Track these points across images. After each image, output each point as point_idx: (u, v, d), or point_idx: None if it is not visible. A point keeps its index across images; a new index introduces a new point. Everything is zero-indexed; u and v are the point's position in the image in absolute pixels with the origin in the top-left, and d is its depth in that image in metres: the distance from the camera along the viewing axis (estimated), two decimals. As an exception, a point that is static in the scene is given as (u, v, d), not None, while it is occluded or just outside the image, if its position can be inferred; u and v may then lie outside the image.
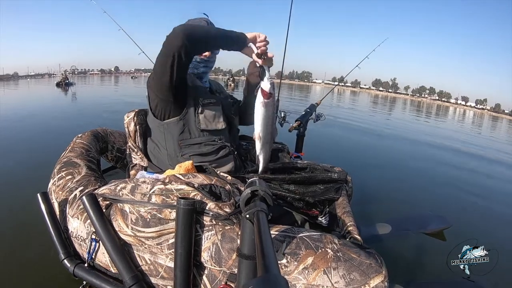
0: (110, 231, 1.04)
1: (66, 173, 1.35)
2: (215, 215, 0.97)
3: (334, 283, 0.86)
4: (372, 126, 8.90)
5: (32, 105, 9.05)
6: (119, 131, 1.84)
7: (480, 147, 7.82)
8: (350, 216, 1.29)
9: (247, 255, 0.74)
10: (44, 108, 8.36)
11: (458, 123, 17.83)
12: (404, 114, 17.02)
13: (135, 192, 1.03)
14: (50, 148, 3.29)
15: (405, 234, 2.19)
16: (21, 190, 2.33)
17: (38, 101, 10.90)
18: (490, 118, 41.66)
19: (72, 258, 1.15)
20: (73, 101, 11.06)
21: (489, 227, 2.67)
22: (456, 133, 11.22)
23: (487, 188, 4.00)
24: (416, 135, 8.33)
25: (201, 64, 1.41)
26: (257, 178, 0.79)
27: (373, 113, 14.35)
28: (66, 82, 17.85)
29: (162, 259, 1.02)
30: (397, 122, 11.53)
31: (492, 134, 13.72)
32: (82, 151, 1.51)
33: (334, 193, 1.39)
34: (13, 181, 2.60)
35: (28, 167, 2.93)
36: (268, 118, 1.11)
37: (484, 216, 2.93)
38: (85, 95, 13.79)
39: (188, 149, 1.31)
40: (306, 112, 2.55)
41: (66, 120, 6.10)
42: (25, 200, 1.92)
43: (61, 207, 1.24)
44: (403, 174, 4.18)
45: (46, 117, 6.40)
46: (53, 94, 13.78)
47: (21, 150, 3.67)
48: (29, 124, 5.53)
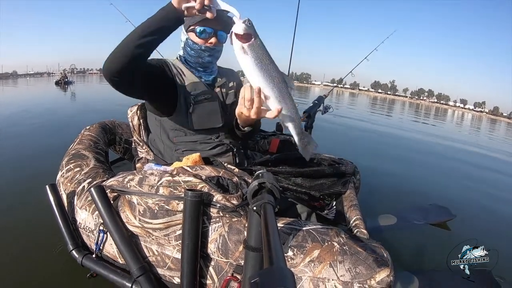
0: (118, 223, 1.05)
1: (75, 165, 1.36)
2: (222, 207, 0.97)
3: (340, 276, 0.86)
4: (374, 125, 8.91)
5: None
6: (127, 123, 1.84)
7: (480, 146, 7.88)
8: (357, 210, 1.28)
9: (253, 247, 0.74)
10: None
11: (458, 125, 17.71)
12: (403, 116, 16.91)
13: (143, 184, 1.04)
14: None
15: (410, 225, 2.20)
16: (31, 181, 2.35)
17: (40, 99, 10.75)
18: (489, 120, 41.58)
19: (80, 249, 1.17)
20: (72, 100, 10.72)
21: (493, 219, 2.70)
22: (458, 132, 11.22)
23: (492, 181, 4.06)
24: (417, 133, 8.34)
25: (205, 52, 1.27)
26: (265, 170, 0.79)
27: (373, 114, 14.22)
28: (65, 80, 17.69)
29: (169, 250, 1.02)
30: (398, 122, 11.53)
31: (493, 134, 13.71)
32: (90, 143, 1.53)
33: (341, 187, 1.39)
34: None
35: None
36: (260, 63, 0.85)
37: (488, 208, 2.95)
38: (84, 95, 13.34)
39: (182, 145, 1.30)
40: (314, 103, 2.53)
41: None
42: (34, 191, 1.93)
43: (69, 199, 1.26)
44: (410, 166, 4.22)
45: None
46: (52, 92, 13.43)
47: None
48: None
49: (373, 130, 7.81)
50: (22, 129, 4.47)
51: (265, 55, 0.85)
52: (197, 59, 1.29)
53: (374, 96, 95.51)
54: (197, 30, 1.22)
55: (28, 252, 1.56)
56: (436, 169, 4.30)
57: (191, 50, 1.27)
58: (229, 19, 1.11)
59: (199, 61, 1.29)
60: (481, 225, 2.47)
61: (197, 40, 1.24)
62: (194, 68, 1.32)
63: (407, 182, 3.45)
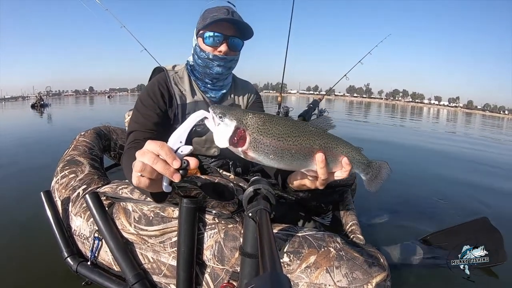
0: (113, 230, 1.05)
1: (69, 171, 1.35)
2: (218, 214, 0.97)
3: (337, 281, 0.86)
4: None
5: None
6: (122, 128, 1.84)
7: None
8: (353, 215, 1.28)
9: (249, 253, 0.74)
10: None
11: (443, 123, 17.89)
12: (380, 117, 17.06)
13: (134, 191, 1.04)
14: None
15: (403, 217, 2.25)
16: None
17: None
18: (464, 114, 42.60)
19: (75, 256, 1.15)
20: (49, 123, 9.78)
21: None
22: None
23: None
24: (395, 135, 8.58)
25: (213, 62, 1.10)
26: (260, 177, 0.79)
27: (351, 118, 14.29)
28: (41, 103, 16.48)
29: (165, 257, 1.02)
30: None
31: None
32: (85, 149, 1.52)
33: (338, 197, 1.39)
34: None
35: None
36: (271, 153, 0.65)
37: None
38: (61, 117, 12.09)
39: None
40: (309, 107, 2.56)
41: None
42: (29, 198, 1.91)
43: (64, 206, 1.25)
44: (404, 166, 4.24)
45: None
46: (28, 116, 12.31)
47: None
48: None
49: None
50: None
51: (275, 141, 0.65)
52: (204, 69, 1.14)
53: (350, 100, 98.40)
54: (205, 35, 1.08)
55: (23, 259, 1.54)
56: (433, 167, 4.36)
57: (198, 58, 1.13)
58: (247, 25, 1.03)
59: (207, 72, 1.14)
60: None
61: (204, 47, 1.09)
62: (201, 80, 1.18)
63: (404, 180, 3.46)
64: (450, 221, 2.15)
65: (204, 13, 1.12)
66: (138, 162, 0.59)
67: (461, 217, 2.31)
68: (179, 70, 1.22)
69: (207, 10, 1.12)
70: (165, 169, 0.58)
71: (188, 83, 1.19)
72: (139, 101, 1.12)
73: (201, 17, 1.12)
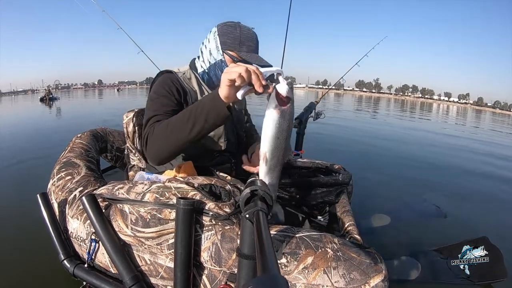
0: (110, 232, 1.04)
1: (66, 173, 1.34)
2: (214, 215, 0.96)
3: (334, 282, 0.86)
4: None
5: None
6: (118, 130, 1.83)
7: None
8: (350, 216, 1.29)
9: (247, 254, 0.74)
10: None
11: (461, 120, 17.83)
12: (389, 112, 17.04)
13: (131, 192, 1.03)
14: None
15: (403, 225, 2.20)
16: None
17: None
18: (474, 111, 42.32)
19: (72, 258, 1.15)
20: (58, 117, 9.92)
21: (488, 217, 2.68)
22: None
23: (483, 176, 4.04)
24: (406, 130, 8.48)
25: (224, 65, 1.16)
26: (257, 177, 0.79)
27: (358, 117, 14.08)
28: (50, 97, 16.99)
29: (162, 259, 1.01)
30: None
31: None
32: (81, 151, 1.51)
33: (334, 197, 1.39)
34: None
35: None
36: (281, 132, 0.79)
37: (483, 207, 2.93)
38: (73, 110, 12.58)
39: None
40: (306, 110, 2.56)
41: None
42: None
43: (60, 208, 1.24)
44: (400, 166, 4.23)
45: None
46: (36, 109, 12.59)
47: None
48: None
49: (364, 130, 7.92)
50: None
51: (288, 126, 0.80)
52: (215, 71, 1.20)
53: (359, 95, 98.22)
54: (236, 60, 1.12)
55: (20, 262, 1.54)
56: (432, 166, 4.32)
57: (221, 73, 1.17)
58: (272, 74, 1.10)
59: (218, 74, 1.20)
60: (474, 224, 2.43)
61: None
62: (211, 87, 1.23)
63: (400, 180, 3.48)
64: (450, 231, 2.18)
65: (235, 32, 1.14)
66: (234, 72, 0.74)
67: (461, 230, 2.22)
68: (185, 71, 1.24)
69: (241, 33, 1.15)
70: (258, 79, 0.75)
71: (196, 84, 1.22)
72: (153, 94, 1.14)
73: (231, 35, 1.14)
